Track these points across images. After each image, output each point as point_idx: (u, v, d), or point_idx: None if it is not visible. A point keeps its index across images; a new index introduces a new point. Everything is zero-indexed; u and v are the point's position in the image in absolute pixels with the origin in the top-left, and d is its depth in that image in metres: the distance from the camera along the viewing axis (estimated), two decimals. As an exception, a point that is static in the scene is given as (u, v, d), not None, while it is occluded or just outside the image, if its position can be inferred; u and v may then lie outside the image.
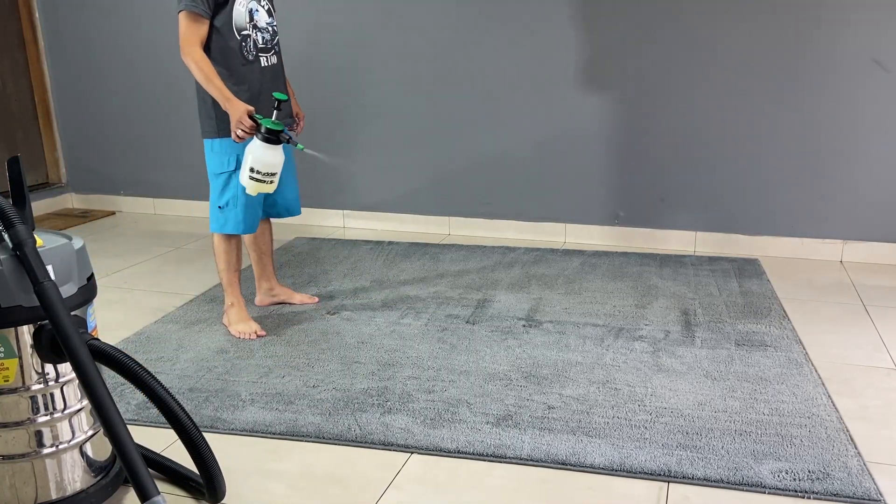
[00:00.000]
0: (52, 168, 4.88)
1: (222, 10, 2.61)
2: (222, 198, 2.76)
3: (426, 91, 4.08)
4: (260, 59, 2.73)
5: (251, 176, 2.58)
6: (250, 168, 2.57)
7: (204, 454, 1.72)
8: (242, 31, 2.66)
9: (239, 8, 2.64)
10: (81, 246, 1.75)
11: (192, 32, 2.56)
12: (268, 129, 2.53)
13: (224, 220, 2.78)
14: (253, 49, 2.70)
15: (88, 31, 4.58)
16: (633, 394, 2.35)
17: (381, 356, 2.64)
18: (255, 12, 2.70)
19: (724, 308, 3.05)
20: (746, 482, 1.90)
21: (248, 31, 2.68)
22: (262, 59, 2.74)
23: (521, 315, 3.00)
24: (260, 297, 3.12)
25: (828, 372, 2.50)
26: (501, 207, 4.14)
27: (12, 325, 1.61)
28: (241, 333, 2.83)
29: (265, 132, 2.53)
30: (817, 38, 3.50)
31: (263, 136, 2.54)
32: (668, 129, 3.79)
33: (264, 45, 2.75)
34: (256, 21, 2.71)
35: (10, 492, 1.69)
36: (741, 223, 3.81)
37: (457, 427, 2.17)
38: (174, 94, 4.51)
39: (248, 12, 2.67)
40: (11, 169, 1.72)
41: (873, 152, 3.55)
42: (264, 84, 2.75)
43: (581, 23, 3.77)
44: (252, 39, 2.70)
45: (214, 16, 2.60)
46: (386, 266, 3.65)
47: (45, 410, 1.69)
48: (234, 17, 2.63)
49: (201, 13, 2.55)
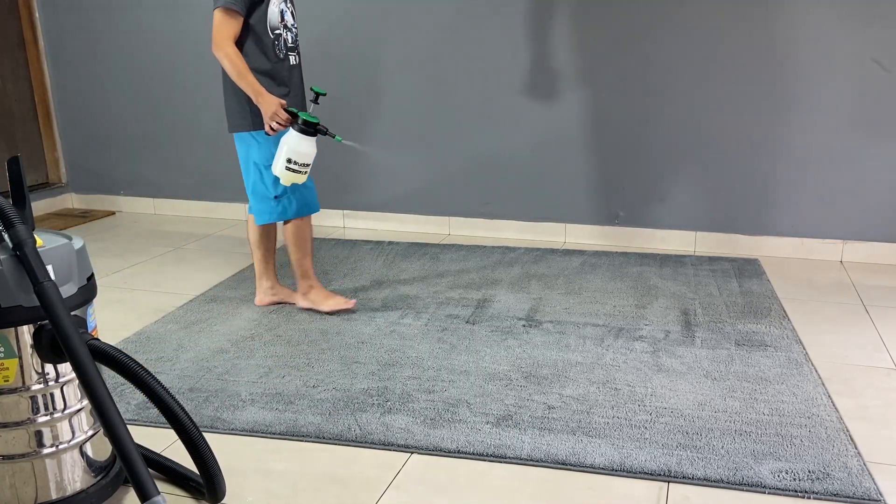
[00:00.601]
0: (52, 168, 4.88)
1: (257, 8, 2.69)
2: (278, 187, 2.82)
3: (426, 91, 4.07)
4: (289, 58, 2.83)
5: (287, 167, 2.69)
6: (287, 159, 2.68)
7: (204, 454, 1.72)
8: (276, 30, 2.75)
9: (273, 8, 2.73)
10: (81, 246, 1.75)
11: (226, 28, 2.64)
12: (304, 121, 2.66)
13: (283, 208, 2.88)
14: (283, 48, 2.79)
15: (88, 31, 4.58)
16: (633, 394, 2.35)
17: (381, 356, 2.64)
18: (284, 13, 2.79)
19: (724, 308, 3.05)
20: (746, 482, 1.90)
21: (280, 30, 2.77)
22: (290, 58, 2.83)
23: (521, 315, 3.00)
24: (260, 297, 3.12)
25: (828, 372, 2.50)
26: (501, 207, 4.14)
27: (12, 325, 1.61)
28: (335, 307, 2.99)
29: (302, 124, 2.66)
30: (817, 38, 3.50)
31: (300, 128, 2.67)
32: (668, 129, 3.79)
33: (292, 44, 2.85)
34: (286, 21, 2.80)
35: (10, 492, 1.69)
36: (741, 223, 3.81)
37: (457, 427, 2.17)
38: (174, 93, 4.51)
39: (280, 12, 2.76)
40: (11, 169, 1.72)
41: (873, 152, 3.55)
42: (293, 81, 2.86)
43: (581, 23, 3.77)
44: (283, 38, 2.79)
45: (249, 14, 2.68)
46: (386, 266, 3.65)
47: (45, 410, 1.69)
48: (268, 17, 2.72)
49: (238, 10, 2.63)
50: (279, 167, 2.71)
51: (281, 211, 2.88)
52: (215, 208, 4.64)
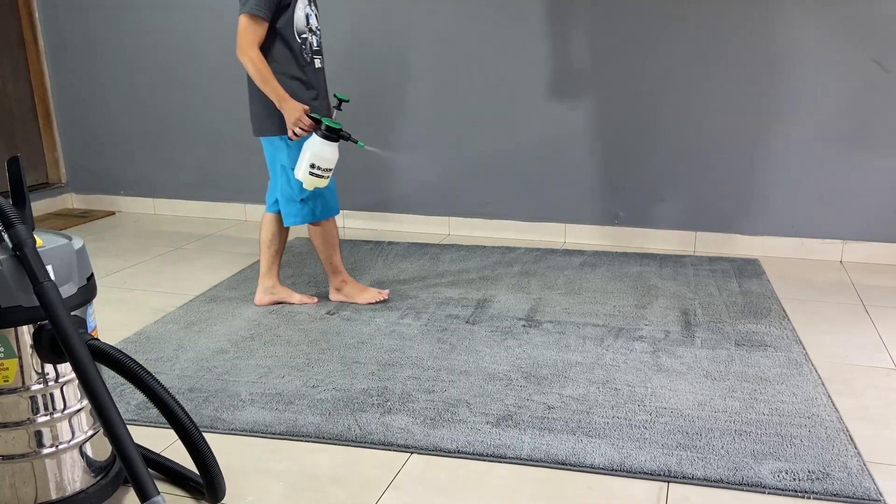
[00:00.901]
0: (52, 168, 4.88)
1: (284, 13, 2.71)
2: (304, 190, 2.87)
3: (426, 91, 4.07)
4: (315, 61, 2.86)
5: (311, 172, 2.75)
6: (310, 164, 2.74)
7: (204, 454, 1.72)
8: (302, 34, 2.78)
9: (299, 12, 2.75)
10: (81, 246, 1.75)
11: (251, 33, 2.67)
12: (328, 127, 2.71)
13: (308, 210, 2.92)
14: (309, 51, 2.83)
15: (88, 32, 4.58)
16: (633, 394, 2.35)
17: (381, 356, 2.64)
18: (309, 16, 2.81)
19: (724, 308, 3.05)
20: (746, 482, 1.90)
21: (306, 34, 2.80)
22: (316, 61, 2.87)
23: (521, 315, 3.00)
24: (259, 296, 3.12)
25: (828, 372, 2.50)
26: (501, 207, 4.14)
27: (12, 325, 1.61)
28: (370, 299, 3.09)
29: (325, 130, 2.71)
30: (817, 39, 3.50)
31: (323, 134, 2.72)
32: (667, 130, 3.79)
33: (318, 47, 2.88)
34: (311, 25, 2.83)
35: (10, 492, 1.69)
36: (741, 223, 3.81)
37: (457, 427, 2.17)
38: (174, 93, 4.52)
39: (306, 16, 2.78)
40: (11, 169, 1.72)
41: (873, 153, 3.55)
42: (319, 84, 2.90)
43: (582, 23, 3.77)
44: (309, 42, 2.82)
45: (276, 19, 2.70)
46: (386, 266, 3.65)
47: (44, 410, 1.69)
48: (295, 21, 2.74)
49: (263, 17, 2.66)
50: (302, 172, 2.77)
51: (307, 213, 2.93)
52: (215, 208, 4.64)
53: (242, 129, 4.43)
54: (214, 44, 4.29)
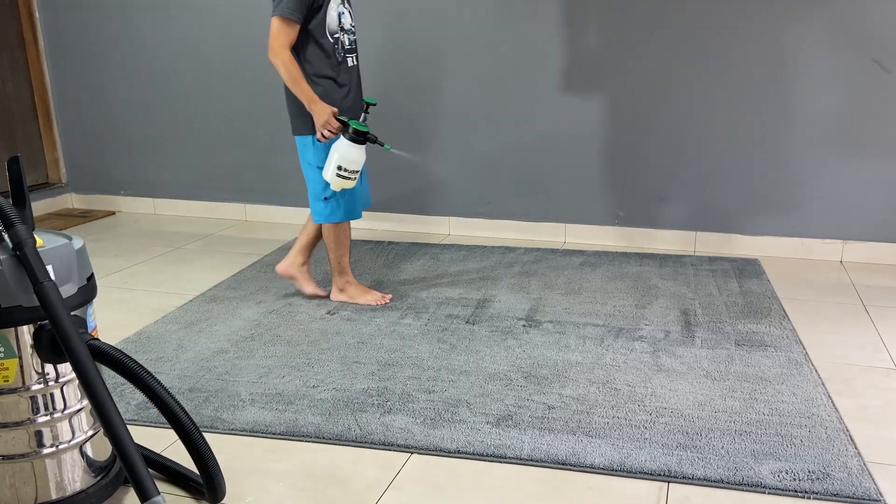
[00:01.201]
0: (52, 168, 4.88)
1: (317, 14, 2.74)
2: (328, 189, 2.90)
3: (425, 91, 4.07)
4: (347, 60, 2.89)
5: (338, 173, 2.80)
6: (338, 166, 2.79)
7: (204, 454, 1.72)
8: (335, 33, 2.81)
9: (331, 13, 2.78)
10: (81, 246, 1.75)
11: (283, 35, 2.70)
12: (355, 130, 2.76)
13: (330, 210, 2.96)
14: (342, 50, 2.85)
15: (88, 31, 4.58)
16: (633, 394, 2.35)
17: (381, 356, 2.64)
18: (342, 15, 2.84)
19: (724, 308, 3.05)
20: (746, 482, 1.90)
21: (339, 33, 2.83)
22: (349, 60, 2.90)
23: (521, 315, 3.00)
24: (285, 265, 3.16)
25: (828, 372, 2.50)
26: (501, 207, 4.14)
27: (12, 325, 1.61)
28: (372, 302, 3.10)
29: (353, 132, 2.76)
30: (818, 39, 3.50)
31: (351, 136, 2.77)
32: (667, 129, 3.79)
33: (350, 45, 2.91)
34: (343, 24, 2.85)
35: (10, 492, 1.69)
36: (741, 223, 3.81)
37: (457, 427, 2.17)
38: (174, 93, 4.51)
39: (338, 16, 2.81)
40: (11, 169, 1.72)
41: (873, 152, 3.55)
42: (352, 82, 2.93)
43: (581, 24, 3.77)
44: (341, 41, 2.85)
45: (308, 20, 2.73)
46: (386, 266, 3.65)
47: (45, 410, 1.69)
48: (327, 21, 2.77)
49: (295, 19, 2.69)
50: (330, 173, 2.81)
51: (328, 213, 2.98)
52: (215, 208, 4.64)
53: (242, 129, 4.45)
54: (214, 44, 4.29)
